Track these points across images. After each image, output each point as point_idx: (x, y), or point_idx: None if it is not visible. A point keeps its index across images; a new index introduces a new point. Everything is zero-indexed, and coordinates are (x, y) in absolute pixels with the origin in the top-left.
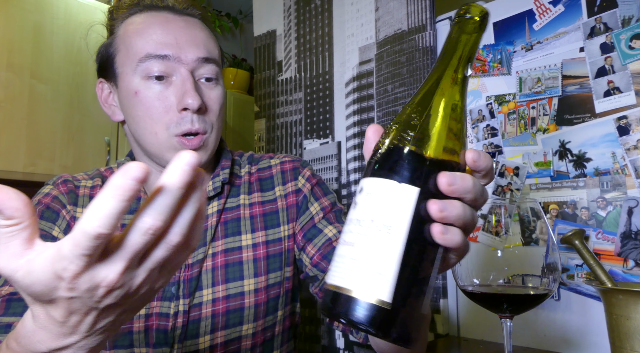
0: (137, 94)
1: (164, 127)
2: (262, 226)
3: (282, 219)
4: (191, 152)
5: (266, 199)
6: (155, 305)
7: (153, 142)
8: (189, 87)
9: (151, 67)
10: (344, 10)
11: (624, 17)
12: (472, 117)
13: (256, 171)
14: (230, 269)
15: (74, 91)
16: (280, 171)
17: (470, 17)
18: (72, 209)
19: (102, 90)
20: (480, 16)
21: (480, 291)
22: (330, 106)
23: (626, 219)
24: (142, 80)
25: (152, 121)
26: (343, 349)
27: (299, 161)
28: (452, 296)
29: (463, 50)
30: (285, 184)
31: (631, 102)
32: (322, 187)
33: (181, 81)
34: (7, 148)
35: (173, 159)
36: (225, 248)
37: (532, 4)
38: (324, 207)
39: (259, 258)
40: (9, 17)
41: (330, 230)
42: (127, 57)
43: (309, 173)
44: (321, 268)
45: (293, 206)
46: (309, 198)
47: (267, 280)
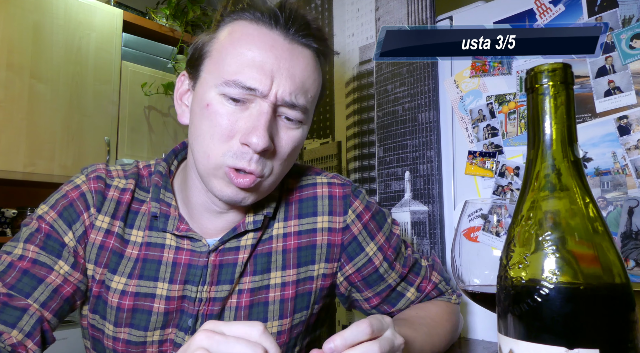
0: (209, 107)
1: (219, 152)
2: (294, 264)
3: (319, 256)
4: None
5: (304, 228)
6: (170, 332)
7: (203, 163)
8: (261, 124)
9: (233, 92)
10: (344, 10)
11: (625, 16)
12: (473, 117)
13: (297, 188)
14: (254, 310)
15: (74, 91)
16: (328, 195)
17: (547, 75)
18: (94, 215)
19: (182, 83)
20: (557, 67)
21: (481, 291)
22: (330, 106)
23: (627, 219)
24: (218, 95)
25: (212, 141)
26: None
27: (349, 186)
28: None
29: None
30: (331, 215)
31: (632, 102)
32: (376, 220)
33: (258, 112)
34: (7, 148)
35: (217, 191)
36: (252, 287)
37: (533, 4)
38: (381, 246)
39: (287, 299)
40: (9, 17)
41: (392, 277)
42: (215, 68)
43: (361, 208)
44: (382, 310)
45: (337, 246)
46: (362, 239)
47: (292, 321)
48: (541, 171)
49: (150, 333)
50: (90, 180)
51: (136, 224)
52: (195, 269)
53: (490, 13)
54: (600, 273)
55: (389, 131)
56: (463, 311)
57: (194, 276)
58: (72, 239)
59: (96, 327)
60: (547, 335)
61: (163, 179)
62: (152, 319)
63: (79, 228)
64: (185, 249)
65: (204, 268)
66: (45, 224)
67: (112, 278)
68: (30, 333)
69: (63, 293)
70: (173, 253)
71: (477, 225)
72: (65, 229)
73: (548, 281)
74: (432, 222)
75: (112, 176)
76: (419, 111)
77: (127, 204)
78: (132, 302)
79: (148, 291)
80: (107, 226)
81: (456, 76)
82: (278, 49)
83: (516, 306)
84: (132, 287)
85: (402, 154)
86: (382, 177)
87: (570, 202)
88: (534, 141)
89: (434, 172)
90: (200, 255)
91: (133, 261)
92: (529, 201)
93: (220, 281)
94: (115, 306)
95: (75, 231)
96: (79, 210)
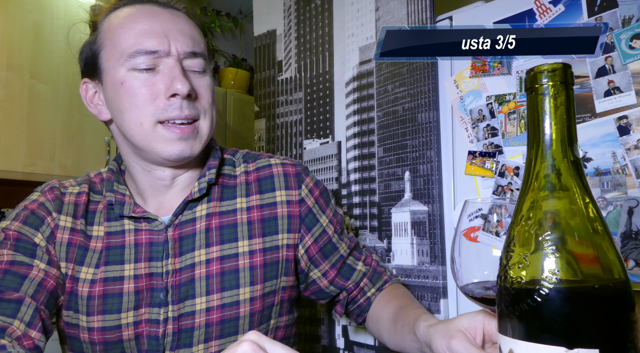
0: (123, 84)
1: (149, 115)
2: (259, 233)
3: (281, 227)
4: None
5: (265, 202)
6: (143, 312)
7: (140, 133)
8: (177, 73)
9: (139, 62)
10: (344, 10)
11: (624, 16)
12: (472, 117)
13: (254, 169)
14: (226, 277)
15: (74, 90)
16: (283, 173)
17: (547, 74)
18: (57, 217)
19: (86, 91)
20: (557, 67)
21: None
22: (330, 106)
23: (626, 219)
24: (127, 71)
25: (138, 110)
26: (343, 349)
27: (300, 165)
28: (452, 296)
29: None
30: (288, 190)
31: (631, 102)
32: (324, 196)
33: (169, 68)
34: (7, 148)
35: (165, 152)
36: (221, 255)
37: (533, 4)
38: (331, 219)
39: (256, 266)
40: (9, 17)
41: (342, 247)
42: (114, 51)
43: (312, 183)
44: (338, 286)
45: (295, 217)
46: (316, 211)
47: (263, 288)
48: (541, 171)
49: (124, 316)
50: (46, 192)
51: (95, 221)
52: (157, 245)
53: (490, 13)
54: (600, 273)
55: (389, 131)
56: (463, 311)
57: (157, 252)
58: (42, 239)
59: (71, 323)
60: (547, 335)
61: (115, 175)
62: (124, 300)
63: (46, 230)
64: (144, 230)
65: (165, 243)
66: (12, 232)
67: (80, 269)
68: (30, 322)
69: (48, 286)
70: (133, 236)
71: (477, 225)
72: (33, 232)
73: (548, 281)
74: (432, 222)
75: (65, 186)
76: (419, 111)
77: (85, 205)
78: (102, 288)
79: (116, 275)
80: (71, 224)
81: (456, 76)
82: (159, 15)
83: (516, 307)
84: (100, 274)
85: (402, 154)
86: (382, 177)
87: (570, 202)
88: (534, 141)
89: (434, 172)
90: (159, 233)
91: (98, 252)
92: (528, 201)
93: (183, 252)
94: (85, 295)
95: (43, 233)
96: (42, 215)
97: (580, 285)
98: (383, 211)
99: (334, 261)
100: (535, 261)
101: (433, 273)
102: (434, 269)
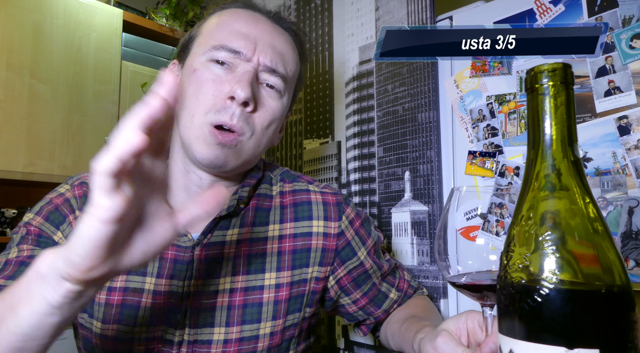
0: (196, 71)
1: (203, 112)
2: (289, 265)
3: (312, 259)
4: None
5: (300, 231)
6: (158, 329)
7: (187, 125)
8: (245, 79)
9: (219, 56)
10: (344, 9)
11: (625, 16)
12: (472, 117)
13: (291, 191)
14: (248, 310)
15: (74, 90)
16: (322, 201)
17: (547, 74)
18: (80, 216)
19: (171, 71)
20: (557, 67)
21: (464, 281)
22: (330, 105)
23: (627, 219)
24: (205, 61)
25: (197, 101)
26: (343, 349)
27: (340, 195)
28: (452, 296)
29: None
30: (326, 220)
31: (632, 102)
32: (365, 226)
33: (242, 71)
34: (7, 148)
35: (199, 153)
36: (246, 286)
37: (533, 4)
38: (370, 250)
39: (281, 300)
40: (9, 17)
41: (376, 275)
42: (205, 40)
43: (353, 214)
44: (368, 312)
45: (331, 251)
46: (355, 244)
47: (284, 322)
48: (541, 171)
49: (137, 330)
50: (74, 187)
51: None
52: (181, 264)
53: (490, 13)
54: (600, 273)
55: (389, 131)
56: (463, 311)
57: (179, 271)
58: (62, 237)
59: (84, 326)
60: (547, 335)
61: None
62: (140, 314)
63: (67, 228)
64: (171, 244)
65: (189, 263)
66: (34, 228)
67: None
68: None
69: None
70: None
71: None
72: (53, 230)
73: (548, 281)
74: (432, 222)
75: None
76: (419, 111)
77: None
78: (120, 297)
79: (137, 286)
80: None
81: (456, 76)
82: (261, 24)
83: (516, 306)
84: (120, 282)
85: (402, 154)
86: (382, 177)
87: (570, 202)
88: (534, 141)
89: (434, 172)
90: (185, 250)
91: None
92: (528, 201)
93: (207, 276)
94: (103, 302)
95: (63, 231)
96: (65, 213)
97: (581, 285)
98: (383, 211)
99: (366, 289)
100: (536, 261)
101: (433, 273)
102: (434, 269)
